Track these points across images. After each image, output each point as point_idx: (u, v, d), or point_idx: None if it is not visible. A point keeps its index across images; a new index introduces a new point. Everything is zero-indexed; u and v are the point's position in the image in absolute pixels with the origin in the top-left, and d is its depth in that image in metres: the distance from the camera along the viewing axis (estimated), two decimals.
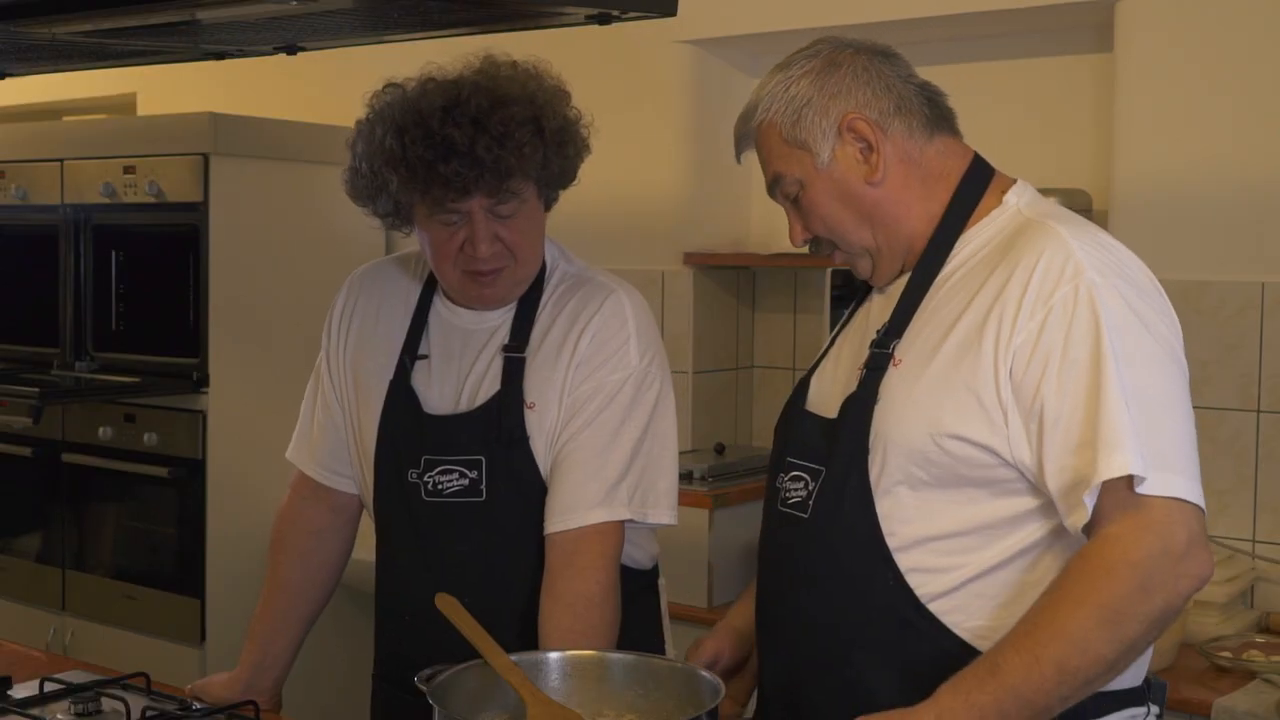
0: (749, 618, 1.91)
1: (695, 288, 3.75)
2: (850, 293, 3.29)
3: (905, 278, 1.76)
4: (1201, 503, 1.55)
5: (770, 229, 3.87)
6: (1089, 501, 1.53)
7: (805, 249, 1.84)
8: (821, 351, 1.92)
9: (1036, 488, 1.61)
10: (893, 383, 1.68)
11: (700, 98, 3.77)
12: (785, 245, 3.79)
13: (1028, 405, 1.58)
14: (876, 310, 1.79)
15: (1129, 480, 1.51)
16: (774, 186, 1.80)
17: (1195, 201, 3.02)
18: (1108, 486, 1.52)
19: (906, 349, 1.68)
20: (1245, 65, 2.97)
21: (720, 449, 3.57)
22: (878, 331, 1.73)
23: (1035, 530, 1.63)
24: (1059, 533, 1.62)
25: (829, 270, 3.37)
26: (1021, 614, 1.61)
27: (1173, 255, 3.02)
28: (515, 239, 2.01)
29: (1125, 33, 3.10)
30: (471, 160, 1.91)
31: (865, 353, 1.74)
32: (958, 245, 1.72)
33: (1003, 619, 1.62)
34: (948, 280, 1.70)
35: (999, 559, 1.63)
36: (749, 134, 1.80)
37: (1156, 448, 1.53)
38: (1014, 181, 1.77)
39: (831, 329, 3.30)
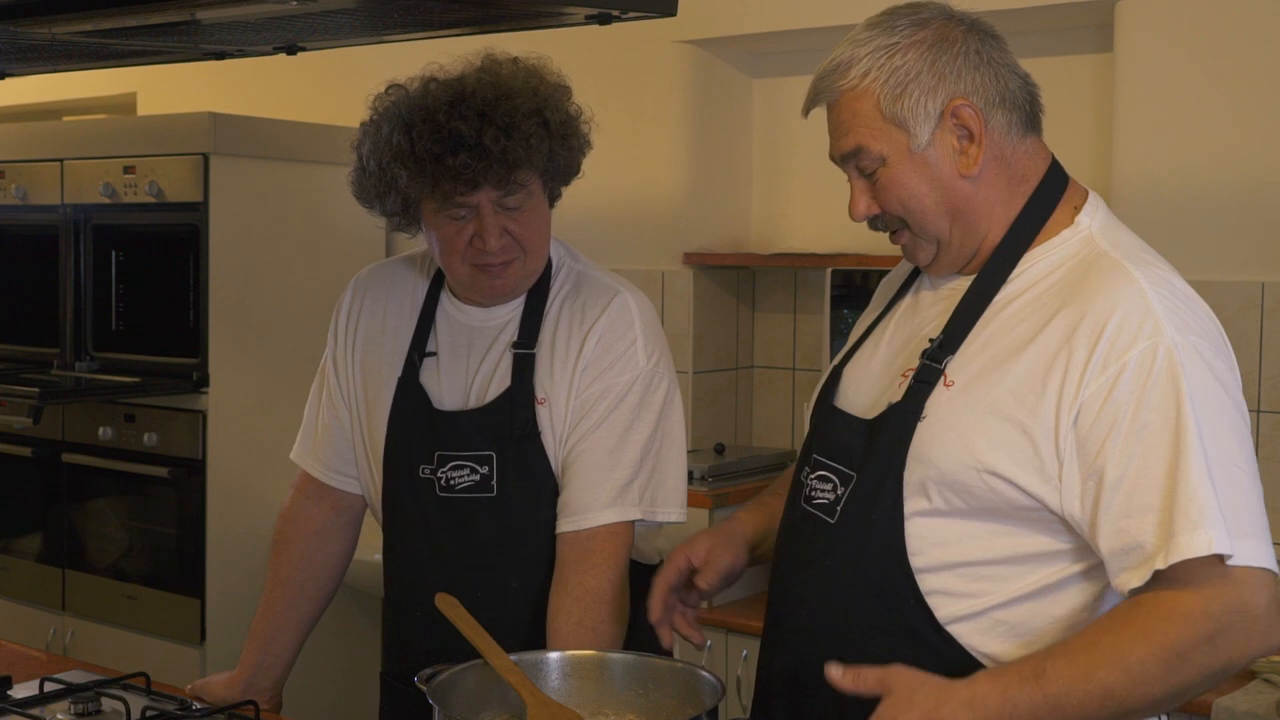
0: (749, 531, 1.89)
1: (695, 288, 3.75)
2: (850, 294, 3.32)
3: (963, 282, 1.68)
4: (1276, 567, 1.51)
5: (770, 229, 3.88)
6: (1153, 572, 1.48)
7: (864, 223, 1.73)
8: (856, 339, 1.84)
9: (1074, 530, 1.57)
10: (940, 403, 1.61)
11: (700, 98, 3.77)
12: (785, 245, 3.81)
13: (1089, 461, 1.53)
14: (926, 309, 1.73)
15: (1217, 555, 1.47)
16: (850, 156, 1.67)
17: (1195, 201, 3.02)
18: (1190, 560, 1.47)
19: (959, 370, 1.61)
20: (1245, 65, 2.97)
21: (720, 449, 3.57)
22: (930, 340, 1.65)
23: (1067, 567, 1.59)
24: (1091, 572, 1.59)
25: (829, 270, 3.38)
26: (1042, 645, 1.58)
27: (1173, 255, 2.98)
28: (523, 231, 2.02)
29: (1125, 33, 3.10)
30: (479, 151, 1.92)
31: (910, 354, 1.68)
32: (1024, 262, 1.64)
33: (1022, 649, 1.59)
34: (1011, 302, 1.63)
35: (1026, 590, 1.60)
36: (831, 92, 1.66)
37: (1239, 517, 1.49)
38: (1086, 195, 1.69)
39: (831, 328, 3.34)
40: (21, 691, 2.10)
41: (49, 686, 2.09)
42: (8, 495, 4.09)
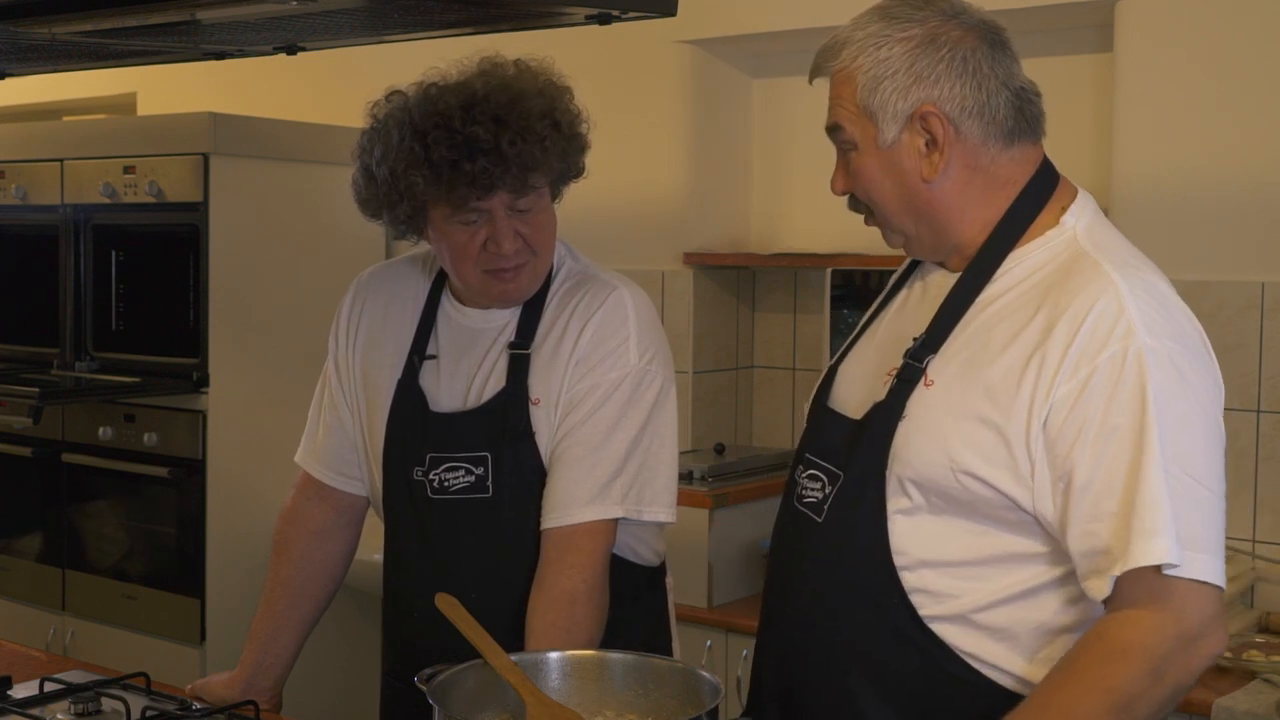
0: None
1: (695, 288, 3.75)
2: (850, 294, 3.32)
3: (949, 279, 1.69)
4: (1223, 582, 1.52)
5: (770, 229, 3.88)
6: (1113, 578, 1.50)
7: (864, 224, 1.76)
8: (853, 335, 1.85)
9: (1048, 531, 1.58)
10: (921, 402, 1.63)
11: (700, 98, 3.77)
12: (785, 245, 3.81)
13: (1059, 463, 1.54)
14: (914, 308, 1.74)
15: (1160, 567, 1.48)
16: (833, 131, 1.70)
17: (1195, 201, 3.02)
18: (1136, 569, 1.49)
19: (940, 370, 1.63)
20: (1245, 65, 2.97)
21: (720, 449, 3.57)
22: (914, 339, 1.66)
23: (1044, 571, 1.61)
24: (1067, 578, 1.60)
25: (829, 270, 3.38)
26: (1023, 648, 1.61)
27: (1172, 255, 3.02)
28: (533, 233, 2.02)
29: (1125, 33, 3.10)
30: (497, 156, 1.92)
31: (896, 353, 1.68)
32: (1008, 261, 1.64)
33: (1004, 649, 1.62)
34: (993, 302, 1.63)
35: (1005, 593, 1.61)
36: (825, 68, 1.69)
37: (1190, 528, 1.49)
38: (1075, 195, 1.70)
39: (831, 327, 3.34)
40: (21, 691, 2.09)
41: (49, 686, 2.09)
42: (8, 495, 4.08)
